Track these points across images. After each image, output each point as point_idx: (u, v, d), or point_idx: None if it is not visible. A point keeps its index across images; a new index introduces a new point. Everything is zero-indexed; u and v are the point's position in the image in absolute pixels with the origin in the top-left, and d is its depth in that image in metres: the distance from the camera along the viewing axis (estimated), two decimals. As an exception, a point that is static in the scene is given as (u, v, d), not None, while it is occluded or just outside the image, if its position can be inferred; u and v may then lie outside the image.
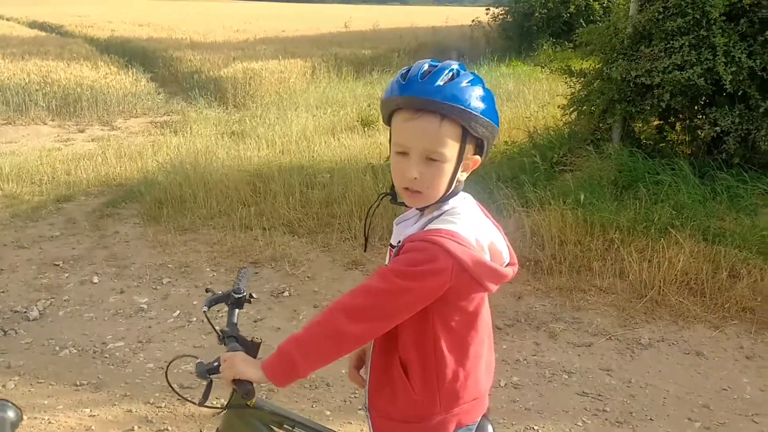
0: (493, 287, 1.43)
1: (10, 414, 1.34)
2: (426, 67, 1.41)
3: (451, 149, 1.39)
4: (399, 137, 1.42)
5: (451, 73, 1.40)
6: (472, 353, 1.51)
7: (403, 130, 1.41)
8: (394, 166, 1.45)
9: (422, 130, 1.38)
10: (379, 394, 1.56)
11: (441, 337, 1.46)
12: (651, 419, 3.20)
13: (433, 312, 1.43)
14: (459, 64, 1.43)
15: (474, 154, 1.46)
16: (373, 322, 1.38)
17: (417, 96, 1.37)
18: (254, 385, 1.46)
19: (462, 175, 1.47)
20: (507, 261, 1.52)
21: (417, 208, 1.52)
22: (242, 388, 1.45)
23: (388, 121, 1.47)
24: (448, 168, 1.41)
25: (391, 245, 1.56)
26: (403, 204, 1.51)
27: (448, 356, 1.48)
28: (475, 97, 1.38)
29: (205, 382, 1.57)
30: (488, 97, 1.42)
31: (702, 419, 3.20)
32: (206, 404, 1.60)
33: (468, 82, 1.39)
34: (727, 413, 3.25)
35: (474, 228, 1.44)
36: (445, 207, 1.47)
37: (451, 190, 1.46)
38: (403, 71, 1.43)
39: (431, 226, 1.42)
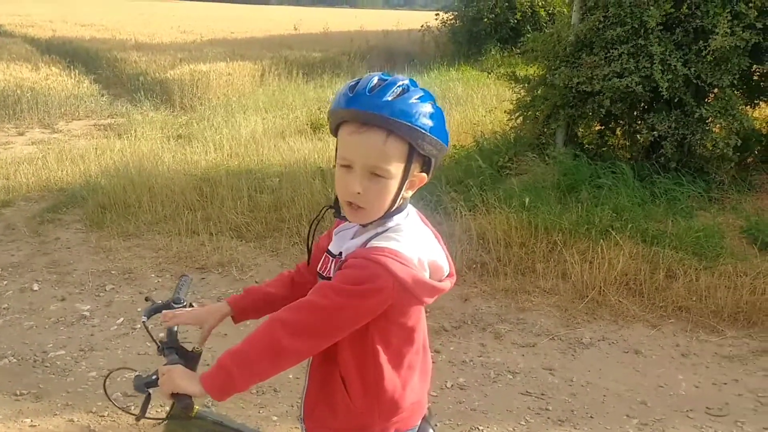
0: (430, 300, 1.45)
1: None
2: (375, 80, 1.37)
3: (396, 166, 1.37)
4: (344, 150, 1.39)
5: (400, 89, 1.36)
6: (407, 364, 1.53)
7: (348, 144, 1.38)
8: (338, 180, 1.42)
9: (367, 145, 1.35)
10: (317, 406, 1.57)
11: (380, 351, 1.47)
12: (591, 417, 3.30)
13: (373, 327, 1.44)
14: (410, 80, 1.40)
15: (420, 172, 1.43)
16: (313, 339, 1.37)
17: (364, 110, 1.34)
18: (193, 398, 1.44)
19: (407, 193, 1.45)
20: (447, 273, 1.53)
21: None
22: (181, 402, 1.43)
23: (334, 132, 1.44)
24: (393, 185, 1.39)
25: (329, 252, 1.56)
26: (345, 218, 1.50)
27: (387, 369, 1.49)
28: (423, 114, 1.35)
29: (143, 396, 1.56)
30: (437, 115, 1.39)
31: (640, 416, 3.31)
32: (146, 416, 1.58)
33: (417, 98, 1.37)
34: (664, 409, 3.37)
35: (416, 246, 1.43)
36: (389, 224, 1.45)
37: (395, 207, 1.44)
38: (352, 83, 1.39)
39: (374, 243, 1.40)
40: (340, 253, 1.49)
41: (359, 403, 1.52)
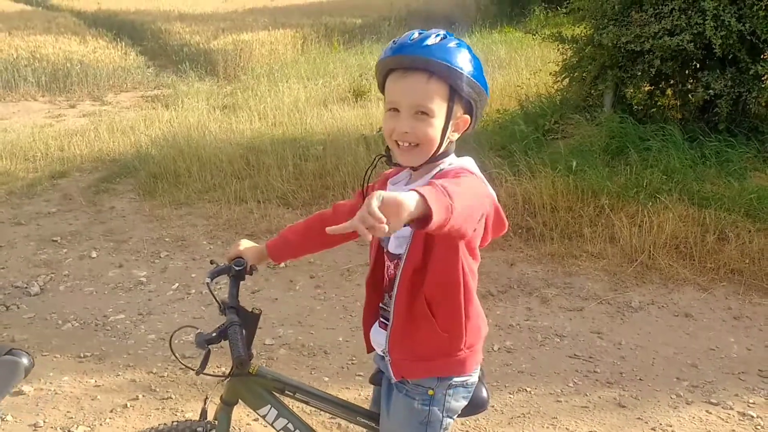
0: (500, 230, 1.52)
1: (24, 360, 1.42)
2: (416, 34, 1.48)
3: (438, 105, 1.45)
4: (390, 95, 1.49)
5: (439, 36, 1.46)
6: (476, 295, 1.60)
7: (394, 89, 1.48)
8: (386, 123, 1.50)
9: (411, 87, 1.45)
10: (402, 333, 1.60)
11: (467, 275, 1.53)
12: (640, 379, 3.29)
13: (461, 252, 1.49)
14: (446, 32, 1.48)
15: (464, 114, 1.51)
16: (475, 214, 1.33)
17: (406, 54, 1.44)
18: (251, 357, 1.56)
19: (453, 135, 1.52)
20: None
21: (411, 168, 1.56)
22: (235, 353, 1.53)
23: (382, 87, 1.53)
24: (438, 123, 1.46)
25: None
26: (398, 164, 1.56)
27: (471, 294, 1.56)
28: (461, 58, 1.44)
29: (203, 352, 1.63)
30: (475, 61, 1.48)
31: (690, 378, 3.29)
32: (205, 372, 1.66)
33: (455, 44, 1.46)
34: (715, 372, 3.34)
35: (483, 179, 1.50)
36: (442, 165, 1.52)
37: (442, 149, 1.50)
38: (396, 38, 1.51)
39: (445, 168, 1.51)
40: None
41: (445, 327, 1.56)
